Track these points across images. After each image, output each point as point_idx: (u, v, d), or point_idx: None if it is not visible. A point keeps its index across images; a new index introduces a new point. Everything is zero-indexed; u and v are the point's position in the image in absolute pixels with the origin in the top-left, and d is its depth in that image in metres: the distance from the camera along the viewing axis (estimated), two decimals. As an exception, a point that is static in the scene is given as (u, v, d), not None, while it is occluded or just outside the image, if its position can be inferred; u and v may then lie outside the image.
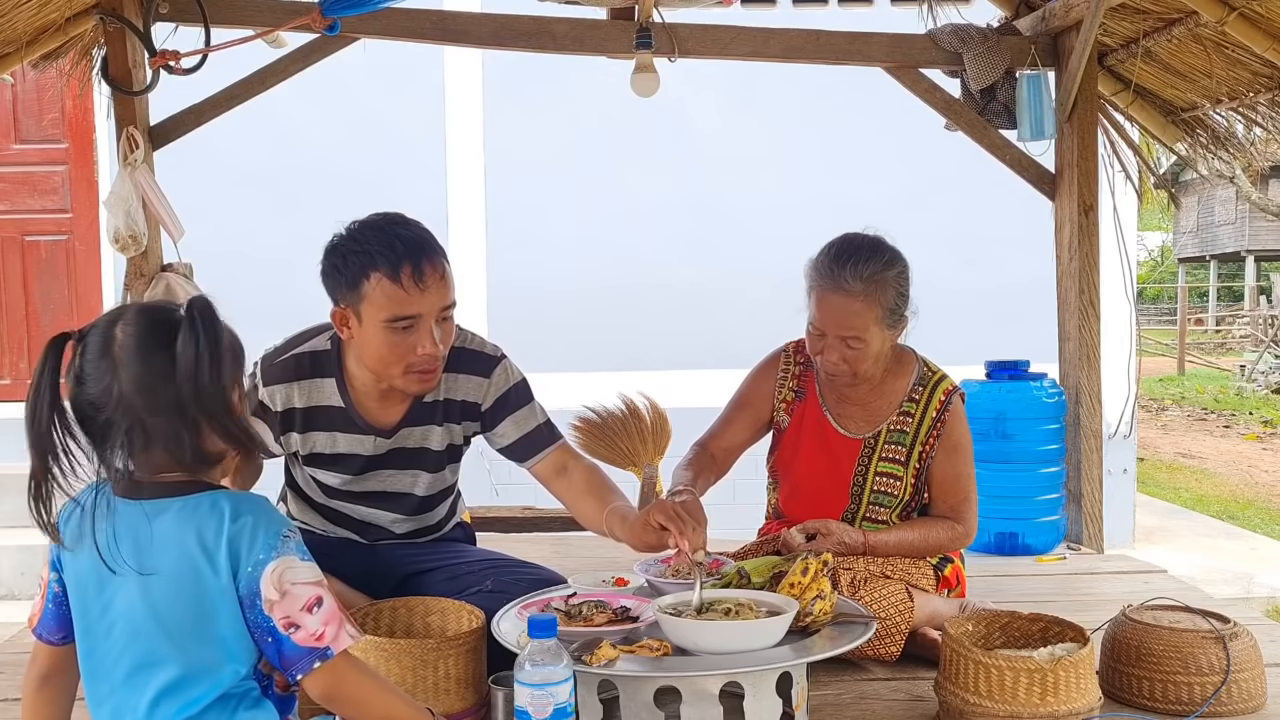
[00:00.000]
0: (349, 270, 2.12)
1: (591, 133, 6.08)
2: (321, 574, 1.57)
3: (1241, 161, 4.24)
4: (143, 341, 1.49)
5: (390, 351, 2.14)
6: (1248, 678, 2.12)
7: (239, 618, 1.51)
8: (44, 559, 1.62)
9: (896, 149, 5.93)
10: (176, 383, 1.48)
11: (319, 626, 1.52)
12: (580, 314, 5.99)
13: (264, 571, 1.50)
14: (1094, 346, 3.74)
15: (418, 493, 2.41)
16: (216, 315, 1.54)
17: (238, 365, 1.59)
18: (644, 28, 3.55)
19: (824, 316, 2.48)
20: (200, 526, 1.51)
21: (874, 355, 2.51)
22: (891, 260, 2.48)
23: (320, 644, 1.51)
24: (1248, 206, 22.08)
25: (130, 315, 1.53)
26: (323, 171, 5.93)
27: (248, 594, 1.50)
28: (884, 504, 2.58)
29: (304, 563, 1.54)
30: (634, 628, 1.98)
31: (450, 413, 2.36)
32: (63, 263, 6.03)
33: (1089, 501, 3.71)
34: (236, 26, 3.44)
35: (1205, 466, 9.75)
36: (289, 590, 1.51)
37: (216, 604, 1.51)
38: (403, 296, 2.09)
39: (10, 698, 2.31)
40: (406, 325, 2.12)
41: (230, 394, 1.55)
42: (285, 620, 1.50)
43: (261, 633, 1.51)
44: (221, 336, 1.54)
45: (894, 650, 2.34)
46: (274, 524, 1.54)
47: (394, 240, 2.12)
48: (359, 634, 1.57)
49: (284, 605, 1.50)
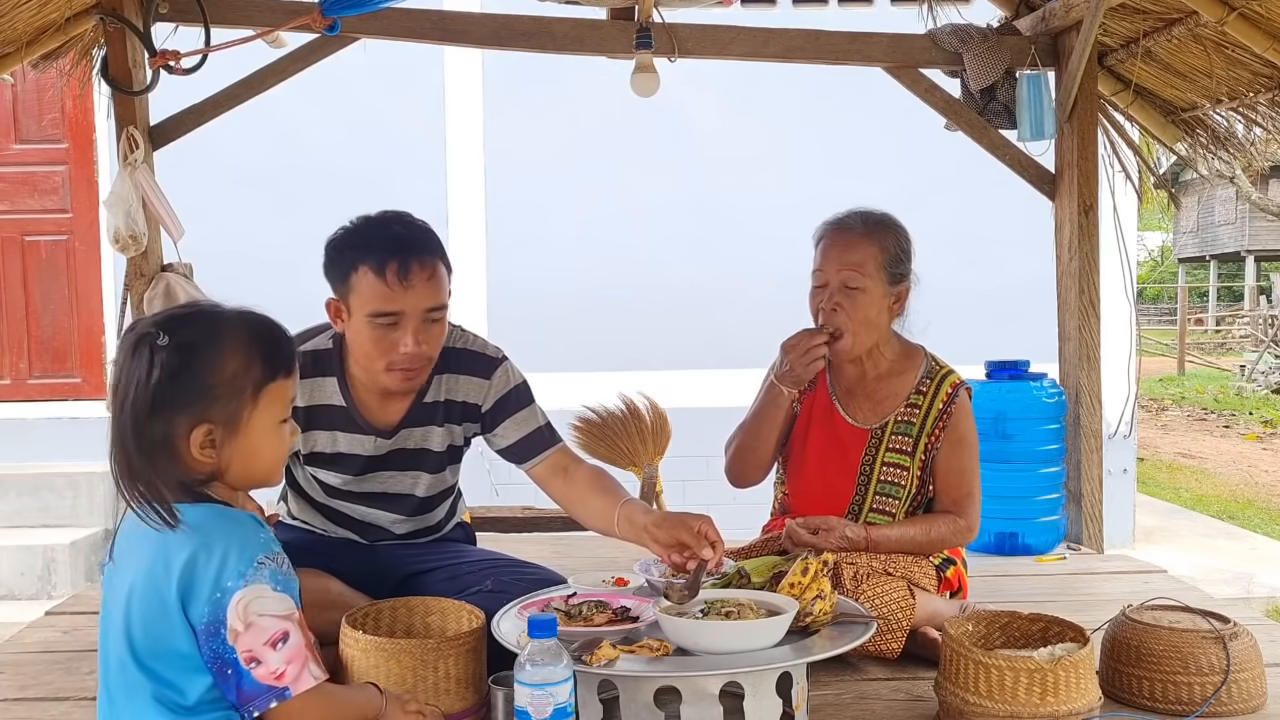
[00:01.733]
0: (341, 262, 2.16)
1: (591, 133, 6.08)
2: (294, 607, 1.49)
3: (1241, 161, 4.24)
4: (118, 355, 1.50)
5: (374, 346, 2.16)
6: (1248, 678, 2.11)
7: (192, 642, 1.45)
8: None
9: (896, 149, 5.93)
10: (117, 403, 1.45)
11: (280, 665, 1.45)
12: (580, 314, 5.99)
13: (231, 600, 1.43)
14: (1094, 346, 3.74)
15: (418, 493, 2.41)
16: (178, 341, 1.45)
17: (190, 400, 1.46)
18: (644, 28, 3.55)
19: (826, 256, 2.56)
20: (168, 543, 1.46)
21: (874, 314, 2.53)
22: (894, 218, 2.61)
23: (280, 683, 1.46)
24: (1248, 206, 22.07)
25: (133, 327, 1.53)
26: (323, 171, 5.93)
27: (211, 621, 1.43)
28: (891, 494, 2.59)
29: (276, 594, 1.46)
30: (634, 628, 1.98)
31: (451, 413, 2.36)
32: (63, 263, 6.04)
33: (1089, 501, 3.71)
34: (236, 26, 3.44)
35: (1205, 466, 9.75)
36: (254, 622, 1.44)
37: (174, 620, 1.45)
38: (386, 292, 2.11)
39: (10, 697, 2.31)
40: (389, 322, 2.13)
41: (171, 429, 1.45)
42: (247, 654, 1.44)
43: (221, 664, 1.45)
44: (177, 366, 1.44)
45: (895, 647, 2.34)
46: (249, 549, 1.46)
47: (386, 236, 2.15)
48: (322, 674, 1.51)
49: (248, 637, 1.44)
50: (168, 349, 1.43)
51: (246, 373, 1.49)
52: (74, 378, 6.07)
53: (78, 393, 6.03)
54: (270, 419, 1.52)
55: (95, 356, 6.03)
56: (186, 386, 1.44)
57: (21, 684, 2.38)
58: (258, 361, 1.50)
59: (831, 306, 2.53)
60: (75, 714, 2.23)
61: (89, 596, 3.13)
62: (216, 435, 1.47)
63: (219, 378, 1.47)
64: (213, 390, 1.46)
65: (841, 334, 2.54)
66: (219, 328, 1.49)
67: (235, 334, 1.50)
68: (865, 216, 2.58)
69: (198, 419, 1.46)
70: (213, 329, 1.48)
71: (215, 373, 1.46)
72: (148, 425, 1.44)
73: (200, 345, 1.46)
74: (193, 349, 1.45)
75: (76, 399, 6.00)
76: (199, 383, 1.45)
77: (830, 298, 2.54)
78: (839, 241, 2.55)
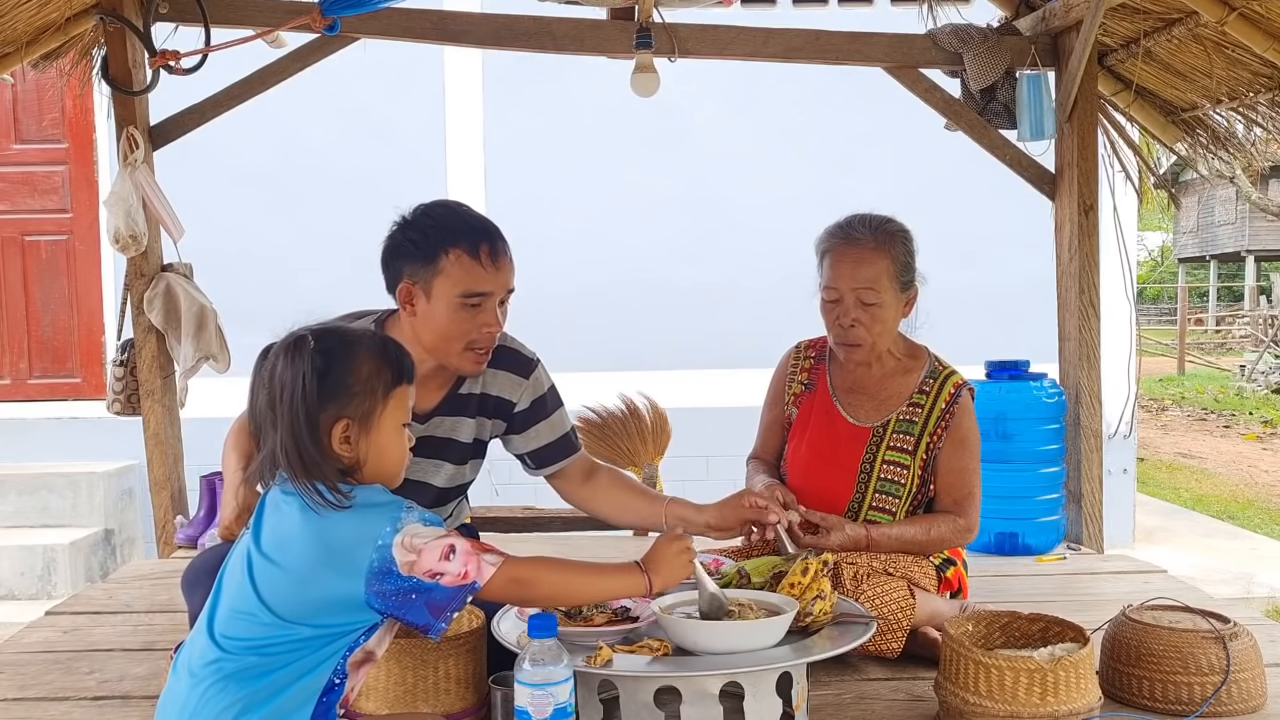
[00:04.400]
0: (427, 245, 2.19)
1: (591, 132, 6.07)
2: (446, 529, 1.63)
3: (1241, 161, 4.24)
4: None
5: (456, 327, 2.20)
6: (1248, 678, 2.12)
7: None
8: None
9: (896, 149, 5.93)
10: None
11: (460, 568, 1.59)
12: (580, 314, 5.99)
13: (393, 544, 1.56)
14: (1094, 346, 3.74)
15: (437, 483, 2.41)
16: (313, 349, 1.62)
17: (334, 397, 1.63)
18: (644, 28, 3.55)
19: (838, 273, 2.55)
20: (323, 516, 1.60)
21: (890, 321, 2.56)
22: (897, 223, 2.60)
23: (466, 581, 1.59)
24: (1248, 206, 22.09)
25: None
26: (323, 171, 5.93)
27: (379, 570, 1.55)
28: (891, 493, 2.59)
29: (428, 527, 1.60)
30: (634, 628, 1.98)
31: (485, 406, 2.40)
32: (63, 263, 6.03)
33: (1089, 501, 3.71)
34: (236, 26, 3.44)
35: (1205, 466, 9.76)
36: (421, 548, 1.57)
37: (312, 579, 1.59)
38: (480, 272, 2.18)
39: (10, 697, 2.31)
40: (476, 302, 2.20)
41: (318, 422, 1.61)
42: (428, 573, 1.57)
43: (401, 595, 1.56)
44: (324, 367, 1.62)
45: (895, 647, 2.34)
46: (393, 506, 1.61)
47: (470, 220, 2.24)
48: (498, 557, 1.64)
49: (422, 562, 1.56)
50: (316, 352, 1.62)
51: (378, 376, 1.67)
52: (74, 378, 6.07)
53: (78, 393, 6.03)
54: (396, 420, 1.69)
55: (95, 356, 6.03)
56: (332, 385, 1.62)
57: (21, 684, 2.38)
58: (387, 367, 1.68)
59: (850, 323, 2.55)
60: (75, 714, 2.23)
61: (89, 596, 3.13)
62: (352, 432, 1.64)
63: (357, 378, 1.64)
64: (351, 389, 1.64)
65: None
66: (352, 338, 1.69)
67: (366, 344, 1.69)
68: (873, 226, 2.56)
69: (338, 415, 1.62)
70: (347, 339, 1.68)
71: (354, 374, 1.64)
72: (312, 417, 1.61)
73: (340, 351, 1.65)
74: (334, 354, 1.64)
75: (76, 399, 6.00)
76: (341, 382, 1.63)
77: (848, 314, 2.54)
78: (850, 256, 2.54)
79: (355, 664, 1.67)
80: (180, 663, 1.64)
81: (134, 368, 3.59)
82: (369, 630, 1.64)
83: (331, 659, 1.61)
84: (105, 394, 3.72)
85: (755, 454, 2.85)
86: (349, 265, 4.02)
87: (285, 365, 1.63)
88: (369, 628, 1.64)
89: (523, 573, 1.67)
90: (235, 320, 3.70)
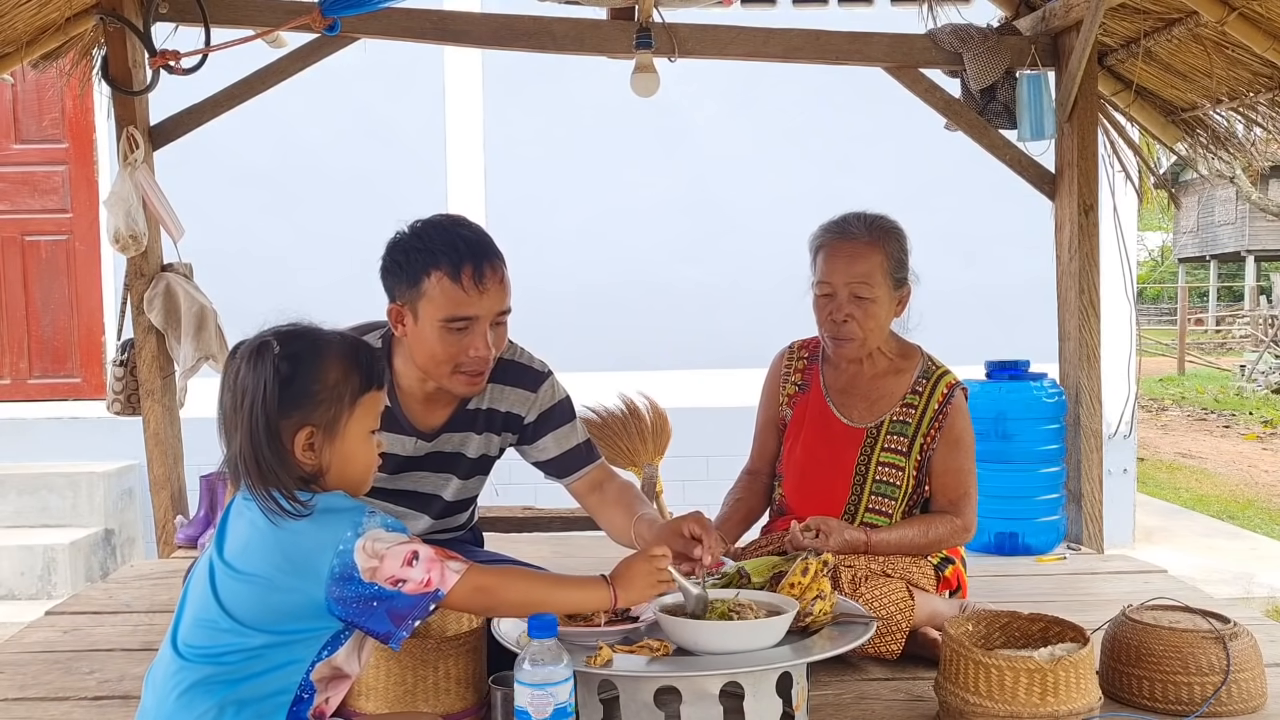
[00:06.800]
0: (410, 267, 2.13)
1: (591, 132, 6.08)
2: (410, 535, 1.62)
3: (1241, 161, 4.24)
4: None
5: (443, 351, 2.15)
6: (1248, 678, 2.11)
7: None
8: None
9: (896, 149, 5.93)
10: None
11: (423, 574, 1.56)
12: (580, 314, 5.99)
13: (354, 549, 1.54)
14: (1094, 346, 3.74)
15: (446, 496, 2.41)
16: (277, 354, 1.59)
17: (298, 404, 1.59)
18: (644, 28, 3.55)
19: (832, 267, 2.55)
20: (285, 524, 1.58)
21: (883, 317, 2.56)
22: (892, 220, 2.60)
23: (429, 589, 1.57)
24: (1248, 206, 22.09)
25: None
26: (323, 171, 5.93)
27: (340, 575, 1.53)
28: (887, 494, 2.59)
29: (390, 532, 1.58)
30: (634, 628, 1.98)
31: (492, 422, 2.38)
32: (63, 263, 6.04)
33: (1089, 501, 3.71)
34: (236, 26, 3.44)
35: (1205, 466, 9.76)
36: (383, 554, 1.55)
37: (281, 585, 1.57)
38: (462, 297, 2.10)
39: (10, 697, 2.31)
40: (462, 326, 2.13)
41: (280, 429, 1.58)
42: (390, 579, 1.55)
43: (361, 602, 1.54)
44: (289, 373, 1.59)
45: (894, 648, 2.34)
46: (355, 512, 1.58)
47: (457, 240, 2.13)
48: (462, 565, 1.62)
49: (384, 569, 1.54)
50: (281, 358, 1.58)
51: (346, 382, 1.63)
52: (74, 378, 6.07)
53: (78, 393, 6.03)
54: (363, 428, 1.66)
55: (95, 356, 6.03)
56: (296, 392, 1.59)
57: (21, 684, 2.38)
58: (356, 373, 1.64)
59: (843, 318, 2.54)
60: (75, 714, 2.23)
61: (89, 596, 3.13)
62: (317, 439, 1.61)
63: (323, 385, 1.61)
64: (316, 396, 1.60)
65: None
66: (320, 343, 1.64)
67: (335, 348, 1.64)
68: (867, 222, 2.57)
69: (302, 422, 1.59)
70: (315, 343, 1.64)
71: (320, 380, 1.61)
72: (272, 424, 1.58)
73: (306, 356, 1.61)
74: (299, 359, 1.60)
75: (76, 399, 6.00)
76: (306, 389, 1.60)
77: (841, 308, 2.54)
78: (844, 251, 2.54)
79: (323, 680, 1.62)
80: (148, 678, 1.62)
81: (134, 368, 3.60)
82: (331, 641, 1.60)
83: (294, 671, 1.57)
84: (105, 394, 3.73)
85: (749, 468, 2.82)
86: (349, 265, 4.03)
87: (248, 370, 1.59)
88: (331, 637, 1.60)
89: (487, 581, 1.65)
90: (235, 320, 3.69)
